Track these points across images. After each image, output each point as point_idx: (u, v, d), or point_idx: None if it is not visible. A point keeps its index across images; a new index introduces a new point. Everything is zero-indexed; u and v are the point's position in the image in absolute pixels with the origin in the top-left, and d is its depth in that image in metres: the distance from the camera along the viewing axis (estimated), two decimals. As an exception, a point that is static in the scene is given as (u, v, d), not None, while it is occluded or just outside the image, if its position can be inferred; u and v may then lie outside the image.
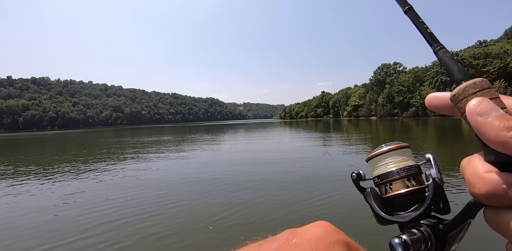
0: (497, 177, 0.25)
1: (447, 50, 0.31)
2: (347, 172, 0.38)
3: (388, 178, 0.37)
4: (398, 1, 0.35)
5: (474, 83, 0.27)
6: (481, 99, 0.26)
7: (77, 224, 4.09)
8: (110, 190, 6.15)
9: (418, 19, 0.33)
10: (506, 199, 0.25)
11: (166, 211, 4.53)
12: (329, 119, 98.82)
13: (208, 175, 7.19)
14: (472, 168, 0.27)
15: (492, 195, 0.25)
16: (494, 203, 0.26)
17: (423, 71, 75.01)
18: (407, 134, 20.61)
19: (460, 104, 0.28)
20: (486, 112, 0.25)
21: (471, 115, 0.26)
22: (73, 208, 4.91)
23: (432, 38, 0.31)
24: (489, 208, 0.27)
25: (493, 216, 0.27)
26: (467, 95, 0.27)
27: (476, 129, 0.26)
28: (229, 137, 23.80)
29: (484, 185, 0.26)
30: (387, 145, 0.39)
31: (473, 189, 0.27)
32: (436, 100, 0.31)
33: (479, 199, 0.27)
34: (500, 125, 0.24)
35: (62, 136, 40.73)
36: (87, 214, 4.53)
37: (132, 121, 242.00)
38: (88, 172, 8.49)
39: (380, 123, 45.59)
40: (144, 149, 15.07)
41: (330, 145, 13.96)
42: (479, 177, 0.26)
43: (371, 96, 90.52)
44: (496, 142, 0.24)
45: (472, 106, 0.26)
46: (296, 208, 4.41)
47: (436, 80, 63.07)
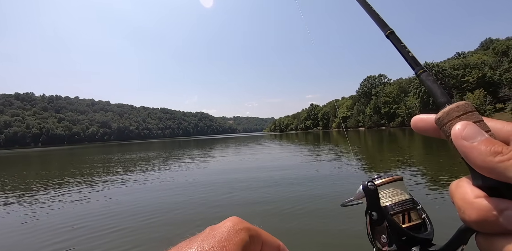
0: (487, 203, 0.24)
1: (430, 74, 0.31)
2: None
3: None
4: (379, 26, 0.35)
5: (458, 107, 0.27)
6: (465, 123, 0.26)
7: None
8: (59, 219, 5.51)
9: (399, 43, 0.33)
10: (497, 226, 0.24)
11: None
12: (318, 131, 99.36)
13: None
14: (461, 193, 0.27)
15: (483, 221, 0.24)
16: (485, 229, 0.25)
17: (407, 82, 77.30)
18: (395, 144, 20.61)
19: (445, 127, 0.27)
20: (471, 136, 0.25)
21: (456, 140, 0.26)
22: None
23: (414, 61, 0.32)
24: (481, 234, 0.26)
25: (485, 242, 0.26)
26: (451, 119, 0.27)
27: (463, 153, 0.26)
28: (219, 152, 23.18)
29: (474, 211, 0.25)
30: (380, 178, 0.37)
31: (463, 215, 0.26)
32: (421, 122, 0.31)
33: (470, 225, 0.26)
34: (487, 150, 0.24)
35: (42, 154, 38.97)
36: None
37: (120, 137, 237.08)
38: (43, 199, 7.33)
39: (368, 133, 45.93)
40: (121, 169, 14.29)
41: (333, 160, 13.61)
42: (469, 203, 0.25)
43: (359, 108, 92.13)
44: (483, 167, 0.24)
45: (457, 131, 0.26)
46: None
47: (420, 90, 64.90)
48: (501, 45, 59.61)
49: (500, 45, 59.78)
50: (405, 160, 10.69)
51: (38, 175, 13.25)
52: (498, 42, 62.89)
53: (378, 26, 0.35)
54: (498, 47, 60.36)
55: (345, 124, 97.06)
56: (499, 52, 59.15)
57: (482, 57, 61.50)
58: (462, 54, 77.63)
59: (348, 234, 3.54)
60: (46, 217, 5.36)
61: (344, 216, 4.14)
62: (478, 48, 77.21)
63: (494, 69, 56.52)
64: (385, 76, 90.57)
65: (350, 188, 6.02)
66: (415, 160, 10.80)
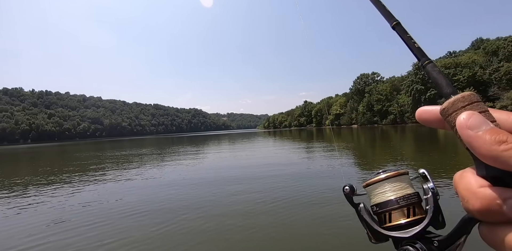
0: (491, 192, 0.24)
1: (435, 65, 0.31)
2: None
3: (387, 207, 0.36)
4: (385, 17, 0.35)
5: (463, 97, 0.27)
6: (471, 112, 0.26)
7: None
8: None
9: (405, 34, 0.33)
10: (501, 215, 0.24)
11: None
12: (312, 128, 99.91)
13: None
14: (465, 183, 0.27)
15: (486, 211, 0.25)
16: (488, 219, 0.25)
17: (399, 81, 78.17)
18: (387, 142, 20.90)
19: (450, 117, 0.28)
20: (476, 125, 0.25)
21: (461, 129, 0.26)
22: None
23: (420, 52, 0.32)
24: (484, 224, 0.26)
25: (488, 232, 0.26)
26: (457, 109, 0.27)
27: (467, 143, 0.26)
28: (213, 149, 23.16)
29: (478, 200, 0.25)
30: (385, 172, 0.37)
31: (466, 204, 0.26)
32: (426, 113, 0.31)
33: (473, 215, 0.27)
34: (491, 139, 0.24)
35: (30, 151, 38.25)
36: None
37: (112, 133, 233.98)
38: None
39: (361, 131, 46.43)
40: (110, 166, 14.17)
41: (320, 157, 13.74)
42: (473, 193, 0.26)
43: (352, 105, 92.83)
44: (487, 156, 0.24)
45: (462, 120, 0.26)
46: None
47: (412, 88, 65.77)
48: (491, 45, 60.66)
49: (490, 45, 60.83)
50: (398, 157, 10.85)
51: (22, 173, 12.98)
52: (489, 42, 63.96)
53: (384, 17, 0.35)
54: (488, 47, 61.38)
55: (338, 121, 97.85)
56: (489, 52, 60.19)
57: (473, 56, 62.48)
58: (454, 53, 78.72)
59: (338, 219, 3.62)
60: (27, 215, 5.31)
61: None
62: (469, 48, 78.27)
63: (484, 69, 57.56)
64: (378, 74, 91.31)
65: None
66: (406, 157, 10.98)
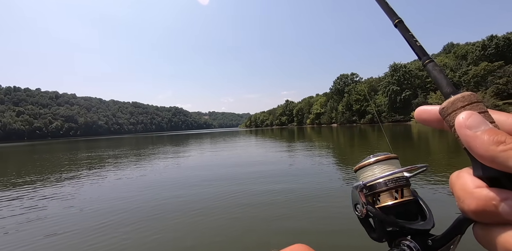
0: (487, 193, 0.24)
1: (436, 64, 0.31)
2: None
3: (376, 189, 0.37)
4: (388, 15, 0.35)
5: (463, 97, 0.27)
6: (470, 112, 0.26)
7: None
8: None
9: (407, 33, 0.33)
10: (496, 216, 0.24)
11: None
12: (293, 127, 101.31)
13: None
14: (461, 183, 0.27)
15: (482, 211, 0.25)
16: (483, 219, 0.25)
17: (376, 81, 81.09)
18: (365, 140, 21.68)
19: (449, 117, 0.27)
20: (475, 125, 0.25)
21: (460, 129, 0.26)
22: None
23: (421, 51, 0.31)
24: (479, 225, 0.26)
25: (482, 232, 0.26)
26: (456, 109, 0.27)
27: (465, 142, 0.25)
28: (194, 148, 22.92)
29: (474, 201, 0.25)
30: (375, 156, 0.39)
31: (462, 204, 0.26)
32: (425, 113, 0.31)
33: (468, 215, 0.26)
34: (490, 139, 0.24)
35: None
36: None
37: (87, 132, 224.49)
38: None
39: (340, 129, 47.71)
40: (83, 167, 13.70)
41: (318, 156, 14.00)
42: (469, 193, 0.26)
43: (332, 105, 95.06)
44: (485, 156, 0.24)
45: (461, 120, 0.26)
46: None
47: (388, 89, 68.51)
48: (460, 50, 64.54)
49: (460, 50, 64.71)
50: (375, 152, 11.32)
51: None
52: (459, 47, 67.99)
53: (387, 15, 0.34)
54: (458, 51, 65.27)
55: (318, 120, 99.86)
56: (459, 55, 64.01)
57: (444, 60, 65.98)
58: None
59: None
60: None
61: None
62: (441, 51, 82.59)
63: (455, 71, 61.00)
64: (357, 75, 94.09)
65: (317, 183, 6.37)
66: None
